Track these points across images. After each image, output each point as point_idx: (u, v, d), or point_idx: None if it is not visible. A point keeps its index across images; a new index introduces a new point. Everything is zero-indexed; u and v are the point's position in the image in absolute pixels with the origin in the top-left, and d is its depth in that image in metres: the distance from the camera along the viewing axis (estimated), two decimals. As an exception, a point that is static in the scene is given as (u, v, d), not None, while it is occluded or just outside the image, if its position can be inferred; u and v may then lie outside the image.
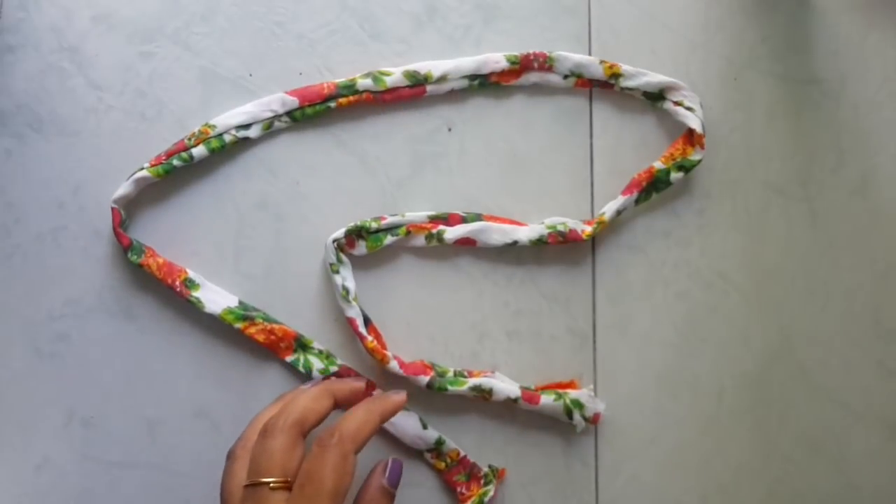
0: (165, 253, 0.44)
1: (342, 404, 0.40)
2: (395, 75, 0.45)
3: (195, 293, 0.43)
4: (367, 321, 0.44)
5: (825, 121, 0.47)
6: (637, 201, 0.46)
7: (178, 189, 0.45)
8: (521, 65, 0.46)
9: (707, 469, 0.45)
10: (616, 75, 0.46)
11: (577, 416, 0.44)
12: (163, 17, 0.45)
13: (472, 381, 0.43)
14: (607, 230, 0.46)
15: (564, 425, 0.44)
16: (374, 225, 0.44)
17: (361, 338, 0.43)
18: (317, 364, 0.44)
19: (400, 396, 0.40)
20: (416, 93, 0.45)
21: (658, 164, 0.46)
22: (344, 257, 0.44)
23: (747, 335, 0.46)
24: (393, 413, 0.39)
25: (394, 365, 0.43)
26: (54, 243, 0.44)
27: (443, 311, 0.45)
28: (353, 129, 0.46)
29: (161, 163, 0.44)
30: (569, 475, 0.45)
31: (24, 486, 0.43)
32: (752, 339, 0.46)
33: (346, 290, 0.44)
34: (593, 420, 0.44)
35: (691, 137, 0.46)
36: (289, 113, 0.45)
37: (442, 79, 0.45)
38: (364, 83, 0.45)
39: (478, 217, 0.45)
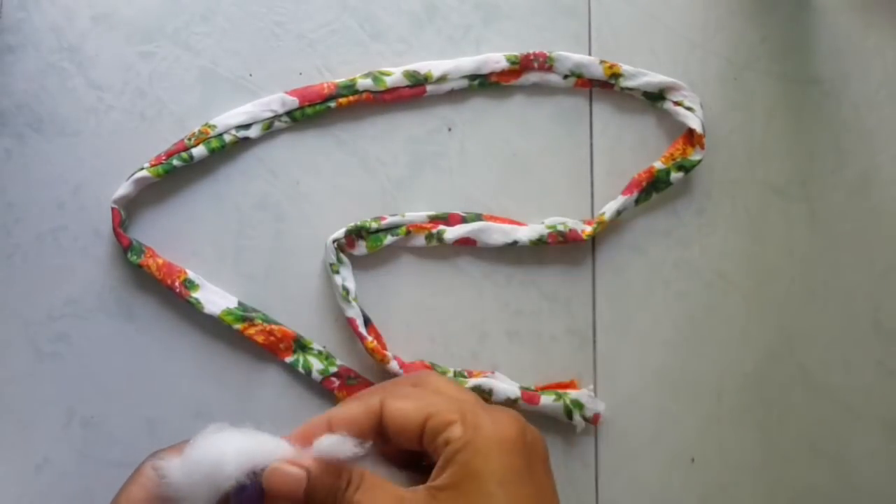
0: (165, 253, 0.44)
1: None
2: (395, 75, 0.45)
3: (195, 294, 0.43)
4: (367, 321, 0.44)
5: (825, 121, 0.47)
6: (637, 201, 0.46)
7: (178, 189, 0.45)
8: (521, 65, 0.46)
9: (707, 469, 0.45)
10: (616, 75, 0.46)
11: (577, 416, 0.44)
12: (163, 17, 0.45)
13: (472, 382, 0.43)
14: (607, 230, 0.46)
15: (564, 425, 0.44)
16: (374, 225, 0.44)
17: (361, 338, 0.43)
18: (316, 365, 0.44)
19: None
20: (416, 93, 0.45)
21: (658, 164, 0.46)
22: (344, 257, 0.44)
23: (747, 335, 0.46)
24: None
25: (394, 365, 0.43)
26: (54, 243, 0.44)
27: (443, 311, 0.45)
28: (353, 129, 0.46)
29: (161, 163, 0.44)
30: (569, 475, 0.45)
31: (24, 486, 0.43)
32: (752, 339, 0.46)
33: (346, 291, 0.44)
34: (593, 420, 0.44)
35: (691, 137, 0.46)
36: (289, 113, 0.45)
37: (442, 79, 0.45)
38: (364, 83, 0.45)
39: (478, 217, 0.45)
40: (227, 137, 0.44)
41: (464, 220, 0.45)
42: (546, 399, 0.44)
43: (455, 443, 0.31)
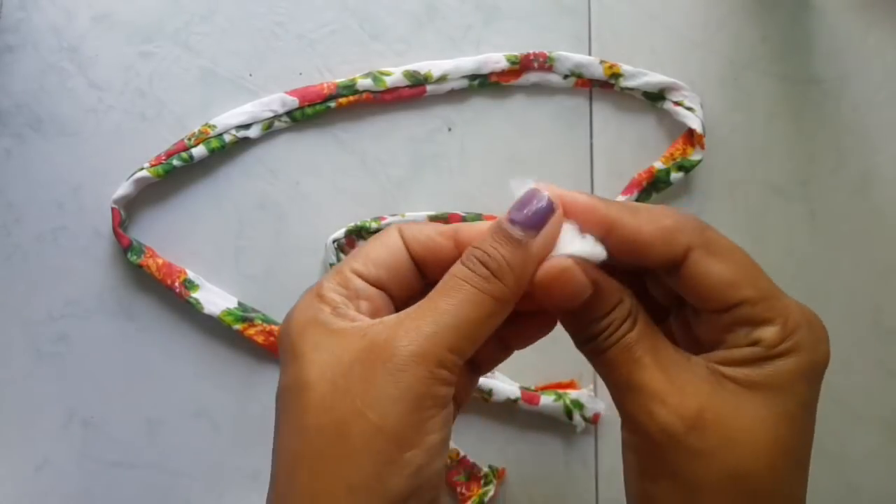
0: (165, 253, 0.44)
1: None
2: (395, 75, 0.45)
3: (194, 294, 0.43)
4: (367, 321, 0.44)
5: (825, 121, 0.47)
6: (637, 201, 0.46)
7: (178, 189, 0.45)
8: (521, 65, 0.46)
9: (707, 469, 0.45)
10: (616, 75, 0.46)
11: (577, 416, 0.44)
12: (163, 17, 0.45)
13: (472, 381, 0.43)
14: (607, 230, 0.46)
15: (564, 425, 0.44)
16: (374, 225, 0.44)
17: (361, 338, 0.43)
18: (317, 364, 0.44)
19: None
20: (416, 93, 0.45)
21: (658, 164, 0.46)
22: (344, 257, 0.44)
23: (747, 335, 0.46)
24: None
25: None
26: (54, 243, 0.44)
27: (443, 311, 0.45)
28: (353, 129, 0.46)
29: (161, 163, 0.44)
30: (569, 475, 0.45)
31: (24, 486, 0.43)
32: (752, 339, 0.46)
33: (346, 290, 0.43)
34: (593, 420, 0.44)
35: (691, 137, 0.46)
36: (289, 113, 0.45)
37: (442, 79, 0.45)
38: (364, 83, 0.45)
39: (478, 217, 0.45)
40: (227, 137, 0.44)
41: (464, 220, 0.45)
42: (546, 399, 0.44)
43: (770, 348, 0.27)
